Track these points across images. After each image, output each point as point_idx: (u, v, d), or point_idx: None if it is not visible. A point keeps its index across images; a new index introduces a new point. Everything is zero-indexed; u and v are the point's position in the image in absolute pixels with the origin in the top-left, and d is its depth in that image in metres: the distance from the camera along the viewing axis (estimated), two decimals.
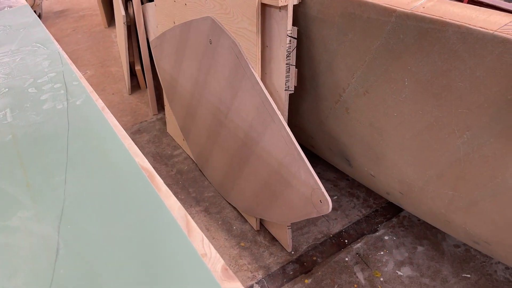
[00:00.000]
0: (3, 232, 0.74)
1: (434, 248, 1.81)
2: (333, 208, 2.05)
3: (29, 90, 1.21)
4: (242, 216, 2.05)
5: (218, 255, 0.73)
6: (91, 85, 3.39)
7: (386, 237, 1.88)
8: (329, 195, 1.37)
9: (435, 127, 1.22)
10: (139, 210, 0.77)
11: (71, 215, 0.76)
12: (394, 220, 1.97)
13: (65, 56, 1.40)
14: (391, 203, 2.05)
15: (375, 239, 1.88)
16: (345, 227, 1.96)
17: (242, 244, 1.91)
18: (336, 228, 1.96)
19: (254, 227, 1.97)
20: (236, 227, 2.00)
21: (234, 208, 2.09)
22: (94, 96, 1.14)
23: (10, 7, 1.91)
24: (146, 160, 0.93)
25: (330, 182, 2.21)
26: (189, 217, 0.79)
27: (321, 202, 1.40)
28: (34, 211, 0.78)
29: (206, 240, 0.75)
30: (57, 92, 1.17)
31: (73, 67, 1.31)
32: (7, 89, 1.22)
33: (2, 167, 0.91)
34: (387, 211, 2.02)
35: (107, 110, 1.09)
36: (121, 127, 1.02)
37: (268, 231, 1.95)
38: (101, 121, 1.03)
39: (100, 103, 1.11)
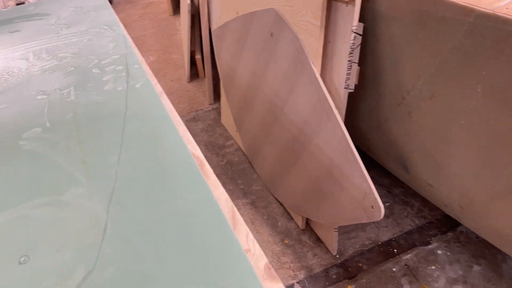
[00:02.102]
0: (56, 206, 0.76)
1: (492, 269, 1.68)
2: (384, 215, 1.97)
3: (93, 70, 1.24)
4: (288, 213, 2.02)
5: (262, 252, 0.71)
6: (152, 70, 3.46)
7: (439, 251, 1.78)
8: (382, 201, 1.31)
9: (507, 139, 1.12)
10: (187, 197, 0.76)
11: (121, 196, 0.77)
12: (450, 234, 1.86)
13: (130, 39, 1.43)
14: (448, 216, 1.93)
15: (427, 252, 1.78)
16: (395, 236, 1.87)
17: (286, 241, 1.88)
18: (385, 236, 1.87)
19: (300, 226, 1.93)
20: (281, 223, 1.97)
21: (281, 204, 2.06)
22: (153, 80, 1.16)
23: None
24: (198, 148, 0.92)
25: (383, 188, 2.12)
26: (235, 209, 0.77)
27: (372, 208, 1.33)
28: (87, 189, 0.79)
29: (251, 235, 0.72)
30: (119, 74, 1.20)
31: (136, 50, 1.34)
32: (73, 68, 1.27)
33: (62, 143, 0.94)
34: (442, 224, 1.91)
35: (164, 95, 1.09)
36: (177, 113, 1.02)
37: (314, 232, 1.90)
38: (158, 106, 1.03)
39: (158, 88, 1.12)
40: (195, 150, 0.91)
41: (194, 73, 3.34)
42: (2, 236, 0.71)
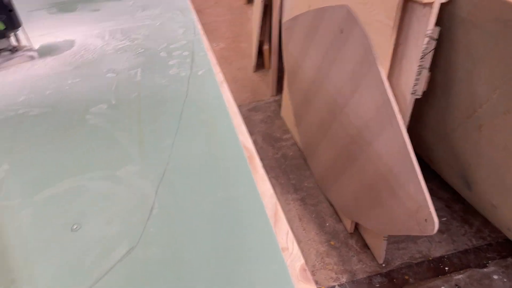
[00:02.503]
0: (111, 181, 0.81)
1: None
2: (439, 230, 1.87)
3: (161, 54, 1.29)
4: (337, 214, 1.98)
5: (299, 253, 0.70)
6: (220, 57, 3.52)
7: (495, 276, 1.66)
8: (438, 215, 1.24)
9: None
10: (232, 188, 0.77)
11: (171, 179, 0.80)
12: (510, 260, 1.73)
13: (199, 26, 1.46)
14: (510, 240, 1.80)
15: (482, 276, 1.67)
16: (448, 253, 1.77)
17: (332, 242, 1.85)
18: (437, 252, 1.78)
19: (348, 229, 1.89)
20: (329, 224, 1.94)
21: (331, 204, 2.03)
22: (216, 69, 1.18)
23: None
24: (250, 141, 0.92)
25: (442, 202, 2.01)
26: (279, 206, 0.77)
27: (426, 221, 1.27)
28: (141, 168, 0.83)
29: (291, 234, 0.72)
30: (184, 60, 1.23)
31: (204, 38, 1.37)
32: (143, 50, 1.32)
33: (124, 121, 0.99)
34: (503, 248, 1.78)
35: (225, 84, 1.11)
36: (234, 104, 1.03)
37: (362, 237, 1.86)
38: (217, 95, 1.05)
39: (220, 77, 1.14)
40: (247, 142, 0.91)
41: (260, 64, 3.35)
42: (60, 202, 0.76)
